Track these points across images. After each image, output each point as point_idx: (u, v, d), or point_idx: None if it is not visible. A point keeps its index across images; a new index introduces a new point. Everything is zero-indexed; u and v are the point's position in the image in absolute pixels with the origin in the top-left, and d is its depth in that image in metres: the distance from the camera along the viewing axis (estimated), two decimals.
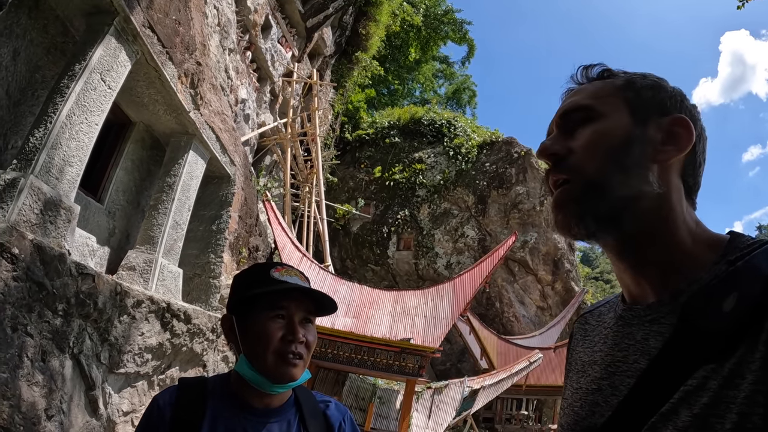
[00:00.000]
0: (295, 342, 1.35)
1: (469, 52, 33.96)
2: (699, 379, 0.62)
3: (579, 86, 0.90)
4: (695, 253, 0.76)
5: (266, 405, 1.40)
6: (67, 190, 4.80)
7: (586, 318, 0.98)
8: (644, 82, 0.85)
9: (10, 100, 5.11)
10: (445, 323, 11.54)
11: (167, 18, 6.04)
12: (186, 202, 7.22)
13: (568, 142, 0.82)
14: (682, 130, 0.80)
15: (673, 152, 0.80)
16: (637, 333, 0.76)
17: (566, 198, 0.80)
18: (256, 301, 1.39)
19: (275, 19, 15.07)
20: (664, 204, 0.78)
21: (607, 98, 0.84)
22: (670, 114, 0.82)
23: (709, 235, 0.79)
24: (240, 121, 13.86)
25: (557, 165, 0.82)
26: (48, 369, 4.21)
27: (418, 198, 23.44)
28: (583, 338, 0.94)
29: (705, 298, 0.66)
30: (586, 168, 0.79)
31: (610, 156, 0.78)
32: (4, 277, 3.86)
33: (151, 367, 5.75)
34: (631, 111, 0.82)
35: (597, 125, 0.81)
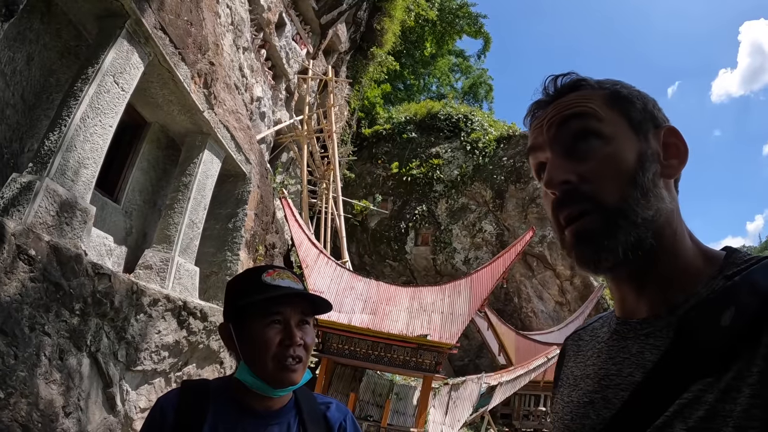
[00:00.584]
0: (293, 346, 1.37)
1: (485, 46, 33.72)
2: (695, 393, 0.62)
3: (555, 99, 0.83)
4: (694, 268, 0.75)
5: (267, 408, 1.42)
6: (83, 192, 4.88)
7: (579, 335, 0.96)
8: (630, 93, 0.81)
9: (26, 105, 5.21)
10: (462, 319, 11.50)
11: (179, 19, 6.09)
12: (202, 201, 7.29)
13: (575, 166, 0.76)
14: (678, 142, 0.79)
15: (677, 165, 0.79)
16: (633, 346, 0.75)
17: (591, 232, 0.74)
18: (251, 308, 1.40)
19: (289, 17, 15.12)
20: (673, 219, 0.77)
21: (605, 111, 0.79)
22: (661, 126, 0.80)
23: (705, 249, 0.78)
24: (256, 119, 13.95)
25: (569, 196, 0.76)
26: (65, 367, 4.31)
27: (435, 193, 23.37)
28: (575, 354, 0.92)
29: (702, 312, 0.66)
30: (606, 196, 0.74)
31: (629, 179, 0.74)
32: (21, 278, 3.94)
33: (168, 364, 5.84)
34: (632, 126, 0.78)
35: (607, 147, 0.76)
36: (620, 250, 0.73)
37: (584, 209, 0.74)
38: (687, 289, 0.73)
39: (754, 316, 0.61)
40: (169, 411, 1.36)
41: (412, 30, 27.42)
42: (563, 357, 0.98)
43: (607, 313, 0.91)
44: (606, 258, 0.73)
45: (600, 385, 0.77)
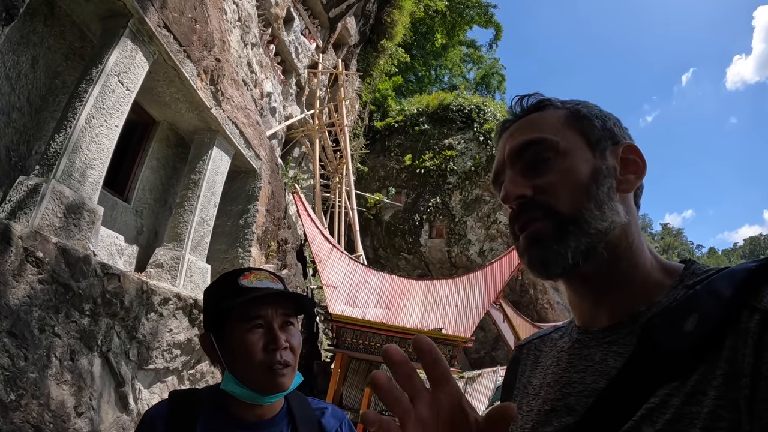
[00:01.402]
0: (279, 350, 1.30)
1: (496, 35, 33.36)
2: (661, 397, 0.63)
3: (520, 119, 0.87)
4: (653, 279, 0.77)
5: (258, 417, 1.36)
6: (90, 193, 4.89)
7: (536, 344, 0.97)
8: (590, 112, 0.85)
9: (32, 107, 5.23)
10: (477, 312, 11.43)
11: (183, 16, 6.06)
12: (212, 198, 7.30)
13: (531, 181, 0.80)
14: (636, 158, 0.82)
15: (633, 181, 0.81)
16: (595, 354, 0.76)
17: (541, 236, 0.77)
18: (230, 314, 1.33)
19: (297, 11, 15.06)
20: (629, 232, 0.79)
21: (562, 131, 0.82)
22: (620, 142, 0.83)
23: (663, 262, 0.81)
24: (266, 115, 13.95)
25: (524, 207, 0.79)
26: (77, 368, 4.33)
27: (449, 185, 23.23)
28: (534, 364, 0.93)
29: (666, 318, 0.68)
30: (559, 205, 0.77)
31: (584, 191, 0.77)
32: (30, 280, 3.96)
33: (180, 362, 5.86)
34: (588, 143, 0.82)
35: (563, 162, 0.79)
36: (569, 256, 0.75)
37: (537, 217, 0.78)
38: (648, 299, 0.75)
39: (716, 323, 0.63)
40: (159, 423, 1.31)
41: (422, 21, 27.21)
42: (517, 364, 0.97)
43: (566, 323, 0.93)
44: (555, 262, 0.76)
45: (562, 393, 0.78)
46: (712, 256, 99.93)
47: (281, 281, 1.42)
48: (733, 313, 0.63)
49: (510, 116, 0.89)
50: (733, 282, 0.66)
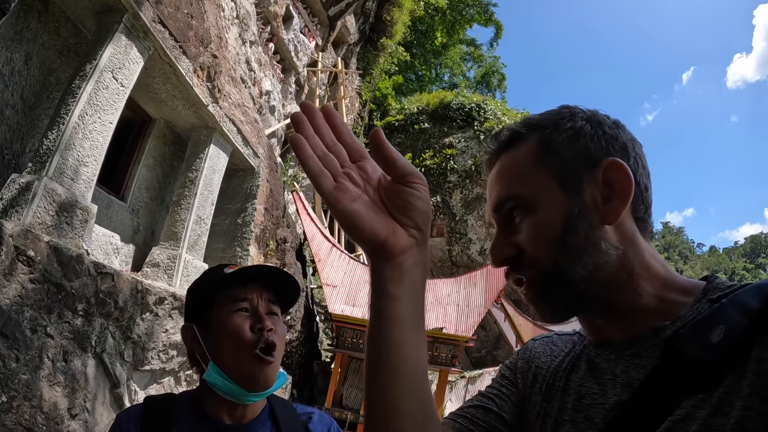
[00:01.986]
0: (265, 330, 1.25)
1: (497, 34, 33.23)
2: (687, 409, 0.62)
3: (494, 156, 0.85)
4: (670, 299, 0.75)
5: (237, 420, 1.29)
6: (83, 190, 4.81)
7: (553, 340, 0.95)
8: (560, 138, 0.78)
9: (25, 105, 5.15)
10: (478, 312, 11.36)
11: (178, 12, 5.98)
12: (209, 197, 7.22)
13: (512, 238, 0.78)
14: (619, 176, 0.75)
15: (619, 207, 0.75)
16: (616, 367, 0.74)
17: (532, 296, 0.78)
18: (215, 298, 1.30)
19: (296, 10, 14.97)
20: (626, 260, 0.75)
21: (531, 175, 0.78)
22: (599, 162, 0.76)
23: (681, 281, 0.78)
24: (266, 113, 13.87)
25: (514, 265, 0.79)
26: (70, 369, 4.25)
27: (449, 184, 23.13)
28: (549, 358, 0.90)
29: (692, 331, 0.66)
30: (540, 261, 0.76)
31: (557, 245, 0.74)
32: (21, 279, 3.88)
33: (176, 363, 5.78)
34: (560, 182, 0.77)
35: (533, 217, 0.77)
36: (559, 308, 0.76)
37: (525, 275, 0.77)
38: (670, 316, 0.73)
39: (743, 334, 0.62)
40: (133, 426, 1.25)
41: (422, 20, 27.10)
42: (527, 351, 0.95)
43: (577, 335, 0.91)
44: (552, 316, 0.78)
45: (581, 404, 0.76)
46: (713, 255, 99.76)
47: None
48: (760, 324, 0.61)
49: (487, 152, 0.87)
50: (759, 294, 0.65)
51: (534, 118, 0.83)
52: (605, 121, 0.80)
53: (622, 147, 0.78)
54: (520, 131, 0.82)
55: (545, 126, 0.80)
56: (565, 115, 0.81)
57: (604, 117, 0.81)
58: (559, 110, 0.83)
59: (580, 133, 0.78)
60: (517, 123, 0.84)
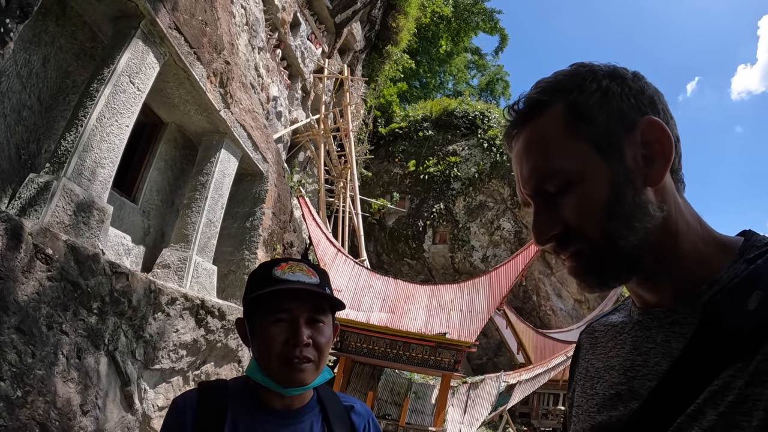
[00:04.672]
0: (299, 346, 1.29)
1: (502, 42, 33.40)
2: (725, 379, 0.61)
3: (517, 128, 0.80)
4: (709, 256, 0.74)
5: (286, 406, 1.36)
6: (100, 192, 4.91)
7: (593, 327, 0.95)
8: (590, 101, 0.74)
9: (42, 106, 5.26)
10: (481, 317, 11.39)
11: (193, 19, 6.10)
12: (219, 200, 7.31)
13: (556, 215, 0.75)
14: (659, 135, 0.73)
15: (662, 168, 0.73)
16: (657, 336, 0.75)
17: (583, 268, 0.76)
18: (259, 303, 1.34)
19: (304, 16, 15.13)
20: (670, 222, 0.74)
21: (567, 146, 0.74)
22: (635, 122, 0.74)
23: (718, 236, 0.77)
24: (272, 119, 13.99)
25: (562, 243, 0.76)
26: (83, 366, 4.33)
27: (453, 191, 23.20)
28: (593, 347, 0.91)
29: (727, 297, 0.65)
30: (591, 234, 0.73)
31: (606, 215, 0.72)
32: (39, 277, 3.97)
33: (186, 363, 5.85)
34: (598, 149, 0.73)
35: (578, 190, 0.73)
36: (611, 278, 0.74)
37: (574, 249, 0.75)
38: (708, 276, 0.72)
39: None
40: (189, 411, 1.31)
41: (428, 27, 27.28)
42: (579, 351, 0.96)
43: (624, 304, 0.89)
44: (603, 286, 0.76)
45: (626, 377, 0.76)
46: None
47: (320, 275, 1.39)
48: None
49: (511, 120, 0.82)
50: None
51: (552, 82, 0.78)
52: (627, 75, 0.77)
53: (650, 101, 0.75)
54: (542, 99, 0.77)
55: (569, 90, 0.76)
56: (585, 75, 0.76)
57: (624, 71, 0.78)
58: (576, 70, 0.78)
59: (609, 94, 0.74)
60: (534, 90, 0.79)
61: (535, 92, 0.78)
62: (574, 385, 0.93)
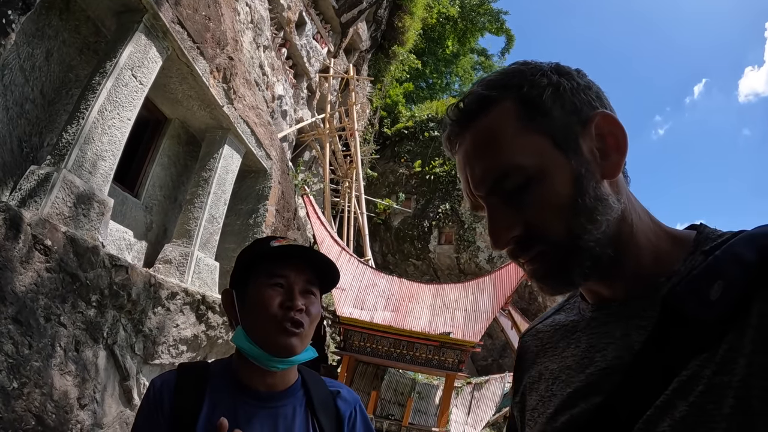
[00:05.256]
0: (294, 309, 1.27)
1: (508, 43, 33.32)
2: (693, 369, 0.61)
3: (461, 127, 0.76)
4: (663, 249, 0.74)
5: (269, 387, 1.31)
6: (101, 184, 4.89)
7: (539, 329, 0.92)
8: (543, 95, 0.71)
9: (45, 100, 5.25)
10: (486, 317, 11.34)
11: (197, 14, 6.09)
12: (222, 196, 7.30)
13: (517, 216, 0.71)
14: (613, 128, 0.72)
15: (619, 160, 0.72)
16: (616, 330, 0.73)
17: (546, 271, 0.73)
18: (254, 269, 1.33)
19: (309, 16, 15.13)
20: (627, 214, 0.73)
21: (523, 141, 0.71)
22: (588, 116, 0.72)
23: (669, 230, 0.77)
24: (277, 117, 13.99)
25: (522, 246, 0.73)
26: (81, 359, 4.31)
27: (458, 191, 23.15)
28: (542, 349, 0.88)
29: (689, 287, 0.65)
30: (553, 233, 0.70)
31: (570, 209, 0.70)
32: (37, 268, 3.95)
33: (186, 358, 5.83)
34: (556, 143, 0.71)
35: (538, 186, 0.70)
36: (576, 277, 0.72)
37: (536, 252, 0.72)
38: (664, 269, 0.71)
39: (743, 288, 0.61)
40: (166, 393, 1.27)
41: (434, 28, 27.26)
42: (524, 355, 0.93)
43: (570, 302, 0.89)
44: (566, 287, 0.75)
45: (585, 374, 0.74)
46: None
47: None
48: (759, 278, 0.60)
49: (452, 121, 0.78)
50: (754, 245, 0.63)
51: (497, 79, 0.75)
52: (572, 71, 0.75)
53: (597, 96, 0.75)
54: (489, 95, 0.73)
55: (518, 85, 0.73)
56: (532, 71, 0.74)
57: (568, 67, 0.76)
58: (520, 67, 0.75)
59: (560, 89, 0.72)
60: (478, 87, 0.76)
61: (480, 89, 0.75)
62: (523, 389, 0.89)
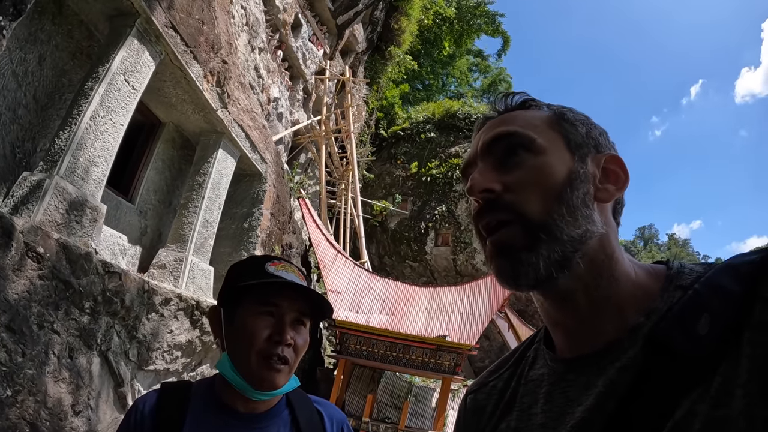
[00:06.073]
0: (282, 344, 1.24)
1: (504, 45, 33.32)
2: (686, 407, 0.58)
3: (501, 115, 0.81)
4: (641, 286, 0.72)
5: (251, 410, 1.30)
6: (93, 190, 4.88)
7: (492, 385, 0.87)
8: (576, 117, 0.79)
9: (38, 105, 5.24)
10: (482, 320, 11.33)
11: (190, 18, 6.07)
12: (216, 200, 7.28)
13: (501, 176, 0.73)
14: (619, 169, 0.77)
15: (613, 191, 0.76)
16: (596, 379, 0.68)
17: (510, 243, 0.70)
18: (246, 293, 1.28)
19: (305, 18, 15.12)
20: (608, 244, 0.73)
21: (542, 129, 0.76)
22: (603, 152, 0.78)
23: (645, 267, 0.76)
24: (273, 120, 13.97)
25: (491, 205, 0.72)
26: (75, 366, 4.29)
27: (455, 193, 23.12)
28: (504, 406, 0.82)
29: (674, 323, 0.63)
30: (529, 207, 0.70)
31: (556, 194, 0.71)
32: (30, 275, 3.93)
33: (180, 364, 5.81)
34: (569, 146, 0.75)
35: (536, 159, 0.73)
36: (541, 266, 0.69)
37: (503, 219, 0.71)
38: (641, 307, 0.69)
39: (730, 320, 0.59)
40: (147, 413, 1.26)
41: (430, 29, 27.26)
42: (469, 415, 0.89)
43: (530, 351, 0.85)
44: (526, 273, 0.69)
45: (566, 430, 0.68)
46: None
47: (307, 280, 1.35)
48: (745, 308, 0.59)
49: (492, 113, 0.83)
50: (737, 276, 0.62)
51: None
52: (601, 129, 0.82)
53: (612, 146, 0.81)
54: (536, 101, 0.82)
55: (560, 107, 0.81)
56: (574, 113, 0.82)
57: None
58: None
59: (592, 124, 0.80)
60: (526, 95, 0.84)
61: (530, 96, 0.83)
62: None
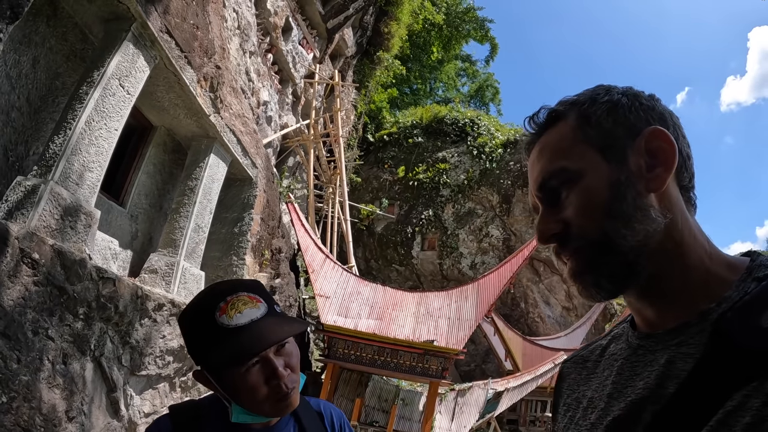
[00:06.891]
0: (282, 380, 1.25)
1: (492, 51, 33.68)
2: (739, 399, 0.59)
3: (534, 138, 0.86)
4: (716, 274, 0.73)
5: (263, 425, 1.35)
6: (88, 196, 4.86)
7: (583, 356, 0.94)
8: (599, 111, 0.80)
9: (31, 108, 5.21)
10: (469, 325, 11.42)
11: (185, 22, 6.08)
12: (208, 205, 7.27)
13: (558, 215, 0.78)
14: (662, 143, 0.76)
15: (664, 173, 0.75)
16: (661, 358, 0.72)
17: (579, 268, 0.76)
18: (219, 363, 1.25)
19: (296, 21, 15.14)
20: (674, 230, 0.74)
21: (573, 149, 0.79)
22: (641, 131, 0.77)
23: (724, 256, 0.77)
24: (262, 123, 13.96)
25: (562, 242, 0.78)
26: (69, 372, 4.27)
27: (442, 198, 23.30)
28: (585, 377, 0.88)
29: (739, 315, 0.64)
30: (587, 232, 0.75)
31: (605, 212, 0.74)
32: (24, 281, 3.92)
33: (172, 369, 5.80)
34: (602, 153, 0.77)
35: (578, 186, 0.77)
36: (607, 282, 0.74)
37: (573, 250, 0.77)
38: (714, 295, 0.70)
39: None
40: None
41: (419, 34, 27.44)
42: (563, 381, 0.95)
43: (618, 329, 0.89)
44: (597, 292, 0.76)
45: (626, 403, 0.73)
46: None
47: (263, 297, 1.32)
48: None
49: (528, 138, 0.88)
50: None
51: (570, 97, 0.85)
52: (641, 94, 0.81)
53: (660, 116, 0.79)
54: (558, 109, 0.83)
55: (582, 102, 0.82)
56: (601, 91, 0.82)
57: (640, 91, 0.82)
58: (596, 88, 0.84)
59: (618, 105, 0.79)
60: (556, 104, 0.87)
61: (554, 105, 0.85)
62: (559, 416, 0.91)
